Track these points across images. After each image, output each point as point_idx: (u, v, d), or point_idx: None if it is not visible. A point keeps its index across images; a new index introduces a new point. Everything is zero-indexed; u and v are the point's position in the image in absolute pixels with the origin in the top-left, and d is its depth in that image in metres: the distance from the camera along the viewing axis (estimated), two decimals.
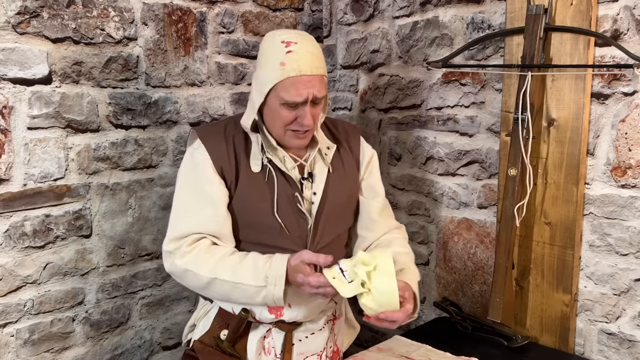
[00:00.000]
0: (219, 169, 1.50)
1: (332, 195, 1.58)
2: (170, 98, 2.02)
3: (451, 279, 2.16)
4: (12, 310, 1.71)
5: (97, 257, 1.89)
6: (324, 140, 1.60)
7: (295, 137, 1.49)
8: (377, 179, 1.72)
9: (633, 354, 1.69)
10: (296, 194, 1.52)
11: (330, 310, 1.67)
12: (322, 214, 1.56)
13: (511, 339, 1.81)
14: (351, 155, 1.66)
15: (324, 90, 1.46)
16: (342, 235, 1.68)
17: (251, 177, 1.51)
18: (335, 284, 1.32)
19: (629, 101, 1.64)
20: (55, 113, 1.74)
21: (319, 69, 1.45)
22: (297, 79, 1.41)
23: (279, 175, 1.52)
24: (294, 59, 1.42)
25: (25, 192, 1.70)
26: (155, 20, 1.95)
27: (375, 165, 1.72)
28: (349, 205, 1.67)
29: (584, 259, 1.76)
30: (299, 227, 1.53)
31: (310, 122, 1.45)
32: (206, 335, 1.57)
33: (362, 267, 1.33)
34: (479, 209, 2.04)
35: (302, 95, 1.42)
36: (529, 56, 1.73)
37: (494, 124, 1.96)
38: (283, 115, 1.46)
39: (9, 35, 1.63)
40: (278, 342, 1.56)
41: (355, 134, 1.70)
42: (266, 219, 1.51)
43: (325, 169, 1.58)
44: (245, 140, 1.54)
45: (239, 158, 1.52)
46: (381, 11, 2.29)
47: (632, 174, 1.64)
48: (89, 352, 1.91)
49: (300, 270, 1.38)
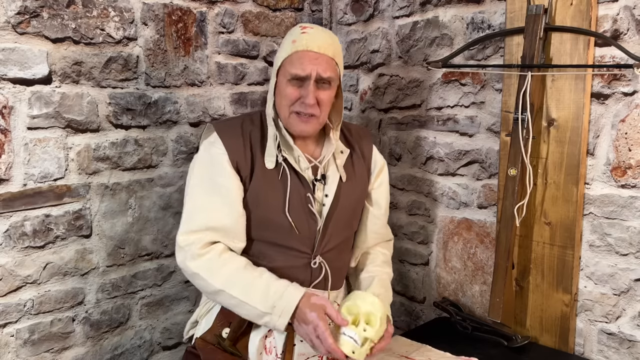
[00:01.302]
0: (235, 163, 1.51)
1: (343, 199, 1.59)
2: (170, 98, 2.02)
3: (451, 279, 2.16)
4: (12, 310, 1.71)
5: (97, 257, 1.89)
6: (338, 144, 1.61)
7: (299, 120, 1.50)
8: (385, 191, 1.75)
9: (633, 354, 1.69)
10: (308, 194, 1.53)
11: None
12: (332, 216, 1.57)
13: (511, 339, 1.81)
14: (363, 161, 1.68)
15: (330, 72, 1.47)
16: (349, 239, 1.70)
17: (265, 173, 1.52)
18: (357, 356, 1.40)
19: (629, 101, 1.64)
20: (55, 113, 1.74)
21: (328, 50, 1.47)
22: (303, 53, 1.45)
23: (292, 174, 1.53)
24: (305, 37, 1.47)
25: (25, 192, 1.70)
26: (155, 20, 1.95)
27: (385, 176, 1.75)
28: (357, 210, 1.69)
29: (584, 259, 1.76)
30: (308, 227, 1.54)
31: (312, 101, 1.46)
32: (208, 333, 1.58)
33: (366, 326, 1.42)
34: (479, 209, 2.04)
35: (305, 69, 1.45)
36: (529, 56, 1.73)
37: (494, 124, 1.96)
38: (288, 92, 1.48)
39: (9, 35, 1.63)
40: (279, 342, 1.56)
41: (367, 141, 1.72)
42: (277, 217, 1.52)
43: (338, 172, 1.59)
44: (262, 137, 1.56)
45: (255, 153, 1.53)
46: (381, 11, 2.29)
47: (632, 174, 1.64)
48: (89, 352, 1.91)
49: (316, 310, 1.40)
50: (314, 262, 1.57)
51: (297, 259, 1.56)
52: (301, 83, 1.47)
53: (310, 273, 1.58)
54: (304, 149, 1.57)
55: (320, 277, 1.58)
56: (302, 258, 1.56)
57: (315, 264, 1.57)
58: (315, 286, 1.59)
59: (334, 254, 1.61)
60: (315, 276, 1.58)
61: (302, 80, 1.47)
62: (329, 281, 1.60)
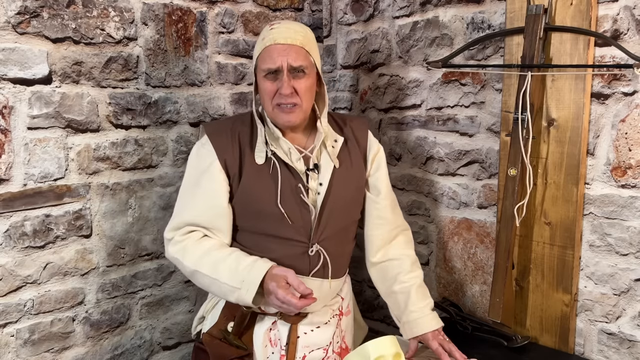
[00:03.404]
0: (223, 162, 1.56)
1: (338, 187, 1.60)
2: (170, 98, 2.02)
3: (451, 279, 2.16)
4: (12, 310, 1.71)
5: (97, 257, 1.89)
6: (331, 132, 1.63)
7: (281, 111, 1.53)
8: (384, 175, 1.74)
9: (633, 354, 1.69)
10: (299, 185, 1.55)
11: (335, 305, 1.70)
12: (327, 205, 1.58)
13: (511, 339, 1.81)
14: (358, 148, 1.69)
15: (300, 61, 1.51)
16: (349, 227, 1.69)
17: (255, 169, 1.56)
18: None
19: (629, 101, 1.64)
20: (55, 113, 1.74)
21: (296, 40, 1.51)
22: (272, 47, 1.50)
23: (282, 167, 1.56)
24: (273, 32, 1.52)
25: (25, 192, 1.70)
26: (155, 20, 1.95)
27: (382, 160, 1.74)
28: (356, 198, 1.69)
29: (584, 259, 1.76)
30: (302, 217, 1.57)
31: (287, 90, 1.49)
32: (214, 328, 1.61)
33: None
34: (479, 209, 2.04)
35: (276, 61, 1.49)
36: (528, 56, 1.73)
37: (494, 124, 1.96)
38: (266, 87, 1.52)
39: (9, 35, 1.63)
40: (283, 334, 1.59)
41: (363, 127, 1.73)
42: (269, 209, 1.55)
43: (331, 160, 1.61)
44: (251, 134, 1.60)
45: (244, 151, 1.57)
46: (381, 11, 2.29)
47: (632, 174, 1.64)
48: (89, 352, 1.91)
49: (276, 280, 1.44)
50: (312, 250, 1.58)
51: (294, 248, 1.58)
52: (275, 76, 1.51)
53: (308, 261, 1.59)
54: (295, 141, 1.60)
55: (319, 265, 1.59)
56: (299, 247, 1.58)
57: (312, 252, 1.58)
58: (315, 274, 1.60)
59: (332, 242, 1.62)
60: (314, 264, 1.59)
61: (275, 73, 1.50)
62: (329, 269, 1.61)
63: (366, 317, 2.50)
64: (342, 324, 1.72)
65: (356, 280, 2.55)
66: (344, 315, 1.73)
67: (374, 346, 1.45)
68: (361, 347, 1.47)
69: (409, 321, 1.66)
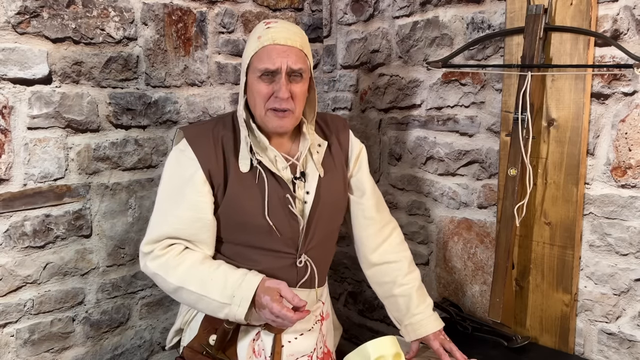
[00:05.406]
0: (207, 172, 1.47)
1: (324, 193, 1.56)
2: (170, 98, 2.02)
3: (451, 279, 2.16)
4: (12, 310, 1.71)
5: (97, 257, 1.89)
6: (315, 137, 1.58)
7: (275, 116, 1.46)
8: (366, 175, 1.71)
9: (633, 354, 1.69)
10: (287, 195, 1.50)
11: (318, 311, 1.67)
12: (315, 213, 1.54)
13: (511, 339, 1.81)
14: (340, 150, 1.65)
15: (300, 63, 1.44)
16: (333, 233, 1.67)
17: (241, 178, 1.48)
18: None
19: (629, 101, 1.64)
20: (55, 113, 1.74)
21: (295, 42, 1.44)
22: (271, 47, 1.43)
23: (269, 176, 1.49)
24: (271, 32, 1.44)
25: (25, 192, 1.70)
26: (155, 20, 1.95)
27: (364, 160, 1.71)
28: (342, 203, 1.66)
29: (584, 259, 1.76)
30: (290, 228, 1.52)
31: (285, 94, 1.43)
32: (195, 341, 1.56)
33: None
34: (479, 209, 2.04)
35: (275, 62, 1.42)
36: (528, 56, 1.73)
37: (494, 124, 1.96)
38: (261, 89, 1.44)
39: (9, 35, 1.63)
40: (267, 345, 1.54)
41: (344, 129, 1.68)
42: (257, 221, 1.48)
43: (316, 168, 1.56)
44: (235, 140, 1.51)
45: (228, 159, 1.49)
46: (381, 11, 2.29)
47: (632, 174, 1.64)
48: (89, 352, 1.91)
49: (269, 293, 1.38)
50: (300, 262, 1.55)
51: (281, 260, 1.53)
52: (272, 78, 1.44)
53: (296, 273, 1.55)
54: (280, 148, 1.53)
55: (306, 276, 1.56)
56: (287, 259, 1.54)
57: (300, 263, 1.55)
58: (302, 285, 1.56)
59: (318, 251, 1.58)
60: (302, 275, 1.56)
61: (273, 75, 1.43)
62: (316, 278, 1.58)
63: (366, 317, 2.51)
64: (324, 329, 1.69)
65: (356, 280, 2.55)
66: (325, 319, 1.70)
67: (374, 346, 1.44)
68: (361, 347, 1.46)
69: (412, 324, 1.66)
